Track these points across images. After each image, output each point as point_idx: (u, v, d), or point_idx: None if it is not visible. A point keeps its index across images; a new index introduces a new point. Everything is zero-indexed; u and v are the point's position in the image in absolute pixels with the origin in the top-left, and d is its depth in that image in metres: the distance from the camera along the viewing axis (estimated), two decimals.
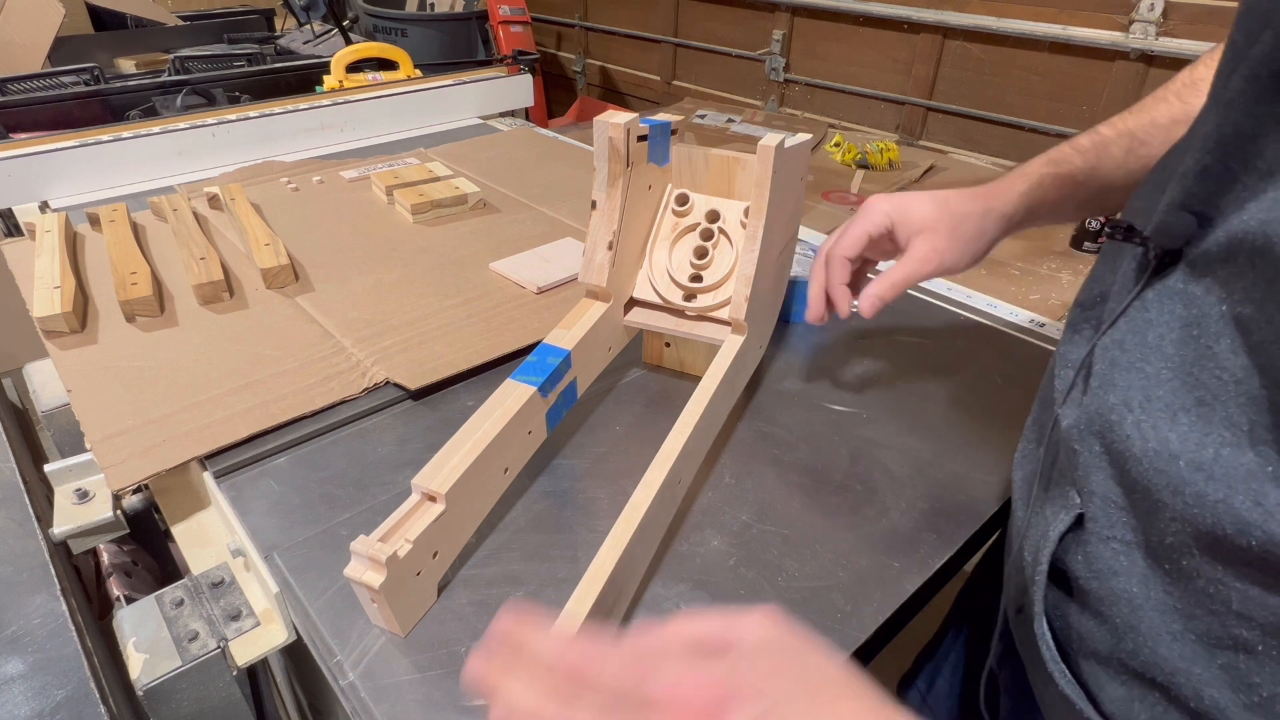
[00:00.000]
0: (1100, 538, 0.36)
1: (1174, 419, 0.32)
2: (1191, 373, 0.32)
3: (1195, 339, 0.32)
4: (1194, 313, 0.32)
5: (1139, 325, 0.35)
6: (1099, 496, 0.36)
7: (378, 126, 1.28)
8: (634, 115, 0.56)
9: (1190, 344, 0.32)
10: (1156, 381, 0.33)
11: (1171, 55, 1.91)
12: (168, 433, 0.58)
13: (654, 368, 0.70)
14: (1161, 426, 0.32)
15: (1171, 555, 0.33)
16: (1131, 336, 0.35)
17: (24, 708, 0.39)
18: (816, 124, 2.56)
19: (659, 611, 0.46)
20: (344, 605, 0.46)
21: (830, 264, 0.59)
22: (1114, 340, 0.36)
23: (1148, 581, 0.34)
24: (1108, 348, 0.36)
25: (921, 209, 0.56)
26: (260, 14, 2.37)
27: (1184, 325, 0.33)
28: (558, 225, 0.95)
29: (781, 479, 0.57)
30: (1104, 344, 0.37)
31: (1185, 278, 0.33)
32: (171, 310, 0.74)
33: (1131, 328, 0.35)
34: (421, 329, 0.72)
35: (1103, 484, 0.36)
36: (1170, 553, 0.33)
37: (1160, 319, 0.34)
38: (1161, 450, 0.32)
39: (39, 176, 1.00)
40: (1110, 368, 0.36)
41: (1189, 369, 0.32)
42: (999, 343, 0.75)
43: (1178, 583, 0.33)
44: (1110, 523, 0.36)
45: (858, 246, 0.57)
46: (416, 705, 0.41)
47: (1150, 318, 0.34)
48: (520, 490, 0.55)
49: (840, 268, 0.58)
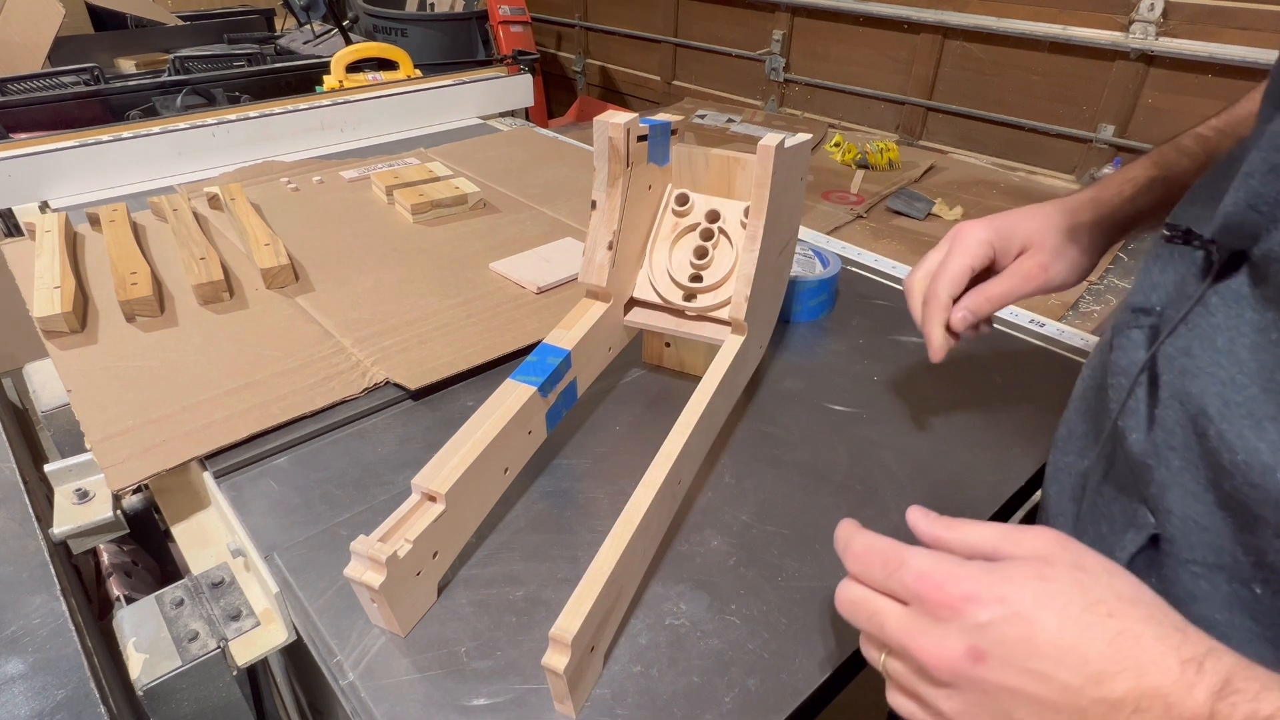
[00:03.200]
0: (1179, 560, 0.34)
1: (1259, 428, 0.30)
2: (1274, 378, 0.30)
3: (1274, 344, 0.30)
4: (1268, 317, 0.31)
5: (1205, 331, 0.33)
6: (1177, 515, 0.34)
7: (378, 126, 1.28)
8: (634, 115, 0.56)
9: (1269, 349, 0.31)
10: (1233, 388, 0.32)
11: (1171, 55, 1.91)
12: (168, 433, 0.58)
13: (654, 368, 0.70)
14: (1248, 436, 0.31)
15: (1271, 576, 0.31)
16: (1199, 343, 0.33)
17: (24, 708, 0.39)
18: (816, 124, 2.56)
19: (659, 611, 0.46)
20: (344, 605, 0.46)
21: (929, 306, 0.53)
22: (1179, 348, 0.34)
23: (1232, 607, 0.33)
24: (1173, 356, 0.35)
25: (1024, 226, 0.51)
26: (260, 14, 2.37)
27: (1257, 330, 0.31)
28: (558, 225, 0.95)
29: (781, 479, 0.57)
30: (1167, 352, 0.35)
31: (1251, 280, 0.32)
32: (171, 310, 0.74)
33: (1197, 334, 0.34)
34: (421, 329, 0.72)
35: (1182, 502, 0.34)
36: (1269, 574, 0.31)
37: (1228, 324, 0.32)
38: (1253, 462, 0.30)
39: (39, 176, 1.00)
40: (1180, 377, 0.34)
41: (1270, 375, 0.30)
42: (999, 343, 0.75)
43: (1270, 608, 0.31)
44: (1191, 544, 0.34)
45: (961, 283, 0.52)
46: (416, 705, 0.41)
47: (1217, 323, 0.33)
48: (520, 490, 0.55)
49: (944, 310, 0.52)
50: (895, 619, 0.31)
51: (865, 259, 0.91)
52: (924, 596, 0.30)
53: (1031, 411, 0.64)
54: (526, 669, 0.43)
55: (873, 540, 0.33)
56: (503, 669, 0.43)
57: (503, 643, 0.44)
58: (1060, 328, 0.77)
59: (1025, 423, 0.63)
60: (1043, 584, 0.28)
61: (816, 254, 0.80)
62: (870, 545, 0.33)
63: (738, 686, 0.42)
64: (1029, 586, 0.28)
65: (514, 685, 0.42)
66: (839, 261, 0.79)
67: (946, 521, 0.33)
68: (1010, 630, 0.28)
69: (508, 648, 0.44)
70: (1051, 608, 0.27)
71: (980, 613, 0.28)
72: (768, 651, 0.44)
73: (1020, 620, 0.28)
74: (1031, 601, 0.28)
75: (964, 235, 0.52)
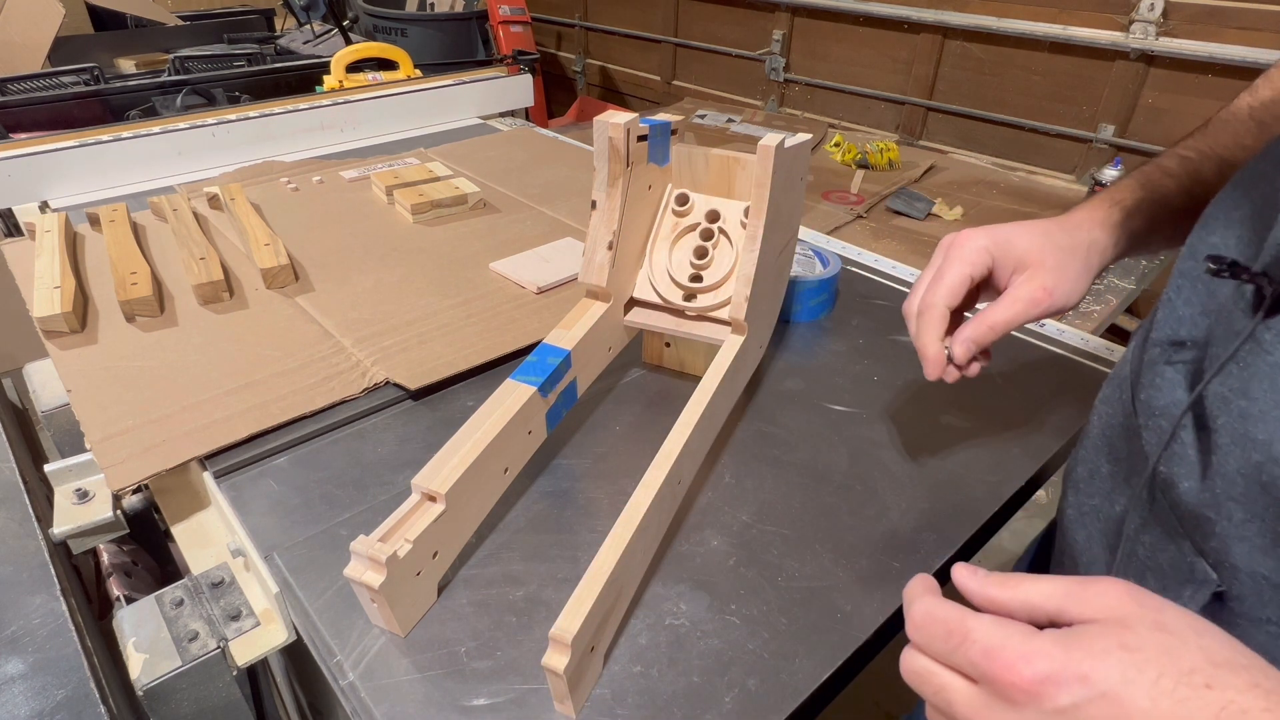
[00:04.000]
0: (1250, 619, 0.32)
1: None
2: None
3: None
4: None
5: (1262, 371, 0.31)
6: (1245, 572, 0.32)
7: (378, 126, 1.28)
8: (634, 115, 0.56)
9: None
10: None
11: (1171, 55, 1.91)
12: (168, 433, 0.58)
13: (654, 368, 0.70)
14: None
15: None
16: (1258, 383, 0.31)
17: (24, 708, 0.39)
18: (816, 124, 2.56)
19: (659, 612, 0.46)
20: (344, 605, 0.46)
21: (925, 316, 0.49)
22: (1233, 389, 0.32)
23: None
24: (1227, 398, 0.32)
25: (1025, 241, 0.48)
26: (260, 14, 2.37)
27: None
28: (558, 225, 0.95)
29: (781, 479, 0.57)
30: (1219, 392, 0.33)
31: None
32: (171, 310, 0.74)
33: (1252, 373, 0.31)
34: (421, 329, 0.72)
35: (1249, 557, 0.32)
36: None
37: None
38: None
39: (39, 176, 1.00)
40: (1241, 421, 0.31)
41: None
42: (999, 343, 0.74)
43: None
44: (1263, 602, 0.32)
45: (960, 293, 0.48)
46: (416, 705, 0.41)
47: (1275, 361, 0.30)
48: (520, 490, 0.55)
49: (940, 321, 0.48)
50: (965, 701, 0.28)
51: (865, 259, 0.91)
52: (994, 677, 0.27)
53: (1031, 411, 0.64)
54: (526, 669, 0.43)
55: (934, 607, 0.30)
56: (503, 669, 0.43)
57: (503, 643, 0.44)
58: (1060, 328, 0.77)
59: (1025, 423, 0.63)
60: (1127, 655, 0.25)
61: (816, 254, 0.80)
62: (931, 613, 0.29)
63: (738, 686, 0.42)
64: (1112, 660, 0.25)
65: (514, 685, 0.42)
66: (839, 261, 0.79)
67: (999, 579, 0.30)
68: (1097, 713, 0.25)
69: (508, 648, 0.44)
70: (1141, 684, 0.24)
71: (1061, 696, 0.25)
72: (768, 651, 0.44)
73: (1107, 702, 0.25)
74: (1119, 679, 0.25)
75: (961, 243, 0.49)
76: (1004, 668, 0.26)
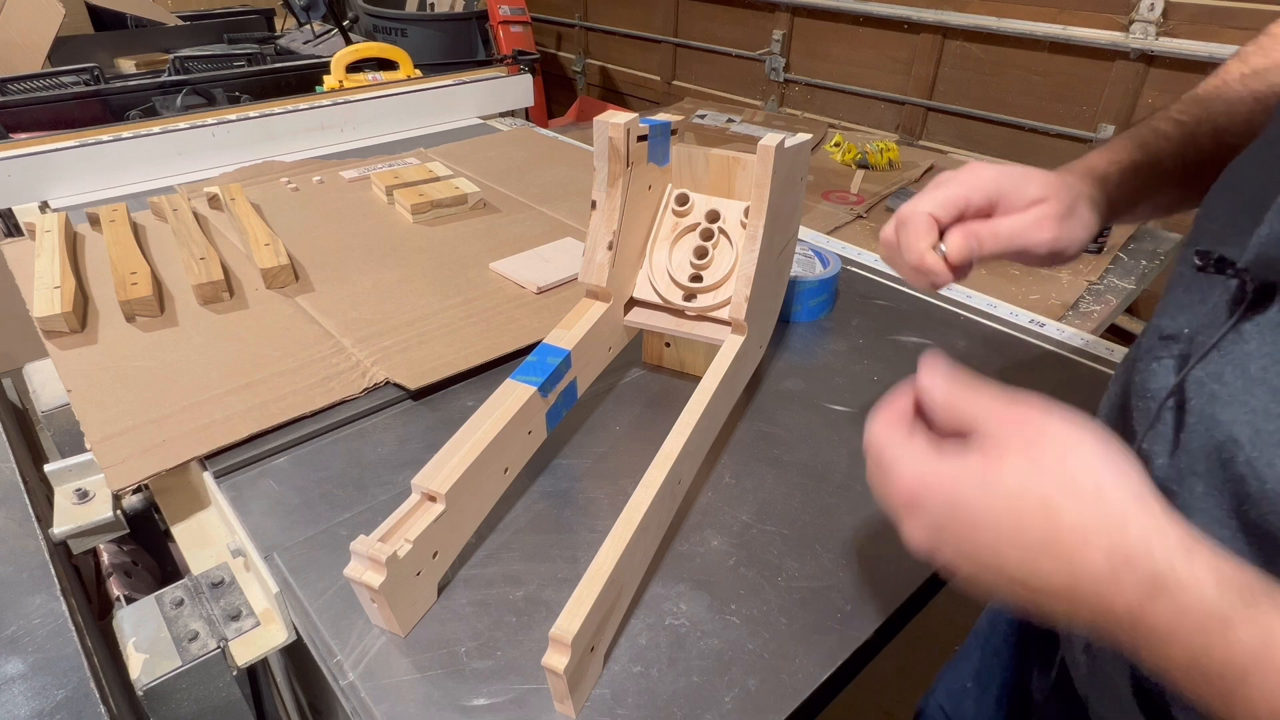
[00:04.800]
0: None
1: None
2: None
3: None
4: None
5: (1238, 358, 0.33)
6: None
7: (378, 126, 1.28)
8: (634, 115, 0.56)
9: None
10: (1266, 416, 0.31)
11: (1171, 55, 1.91)
12: (168, 433, 0.58)
13: (654, 368, 0.70)
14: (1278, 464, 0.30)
15: None
16: (1231, 369, 0.33)
17: (24, 708, 0.39)
18: (816, 124, 2.56)
19: (659, 612, 0.46)
20: (344, 605, 0.46)
21: (909, 224, 0.45)
22: (1209, 373, 0.34)
23: None
24: (1203, 381, 0.34)
25: (1039, 178, 0.47)
26: (260, 14, 2.37)
27: None
28: (558, 225, 0.95)
29: (781, 479, 0.57)
30: (1197, 376, 0.34)
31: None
32: (171, 310, 0.74)
33: (1229, 360, 0.33)
34: (421, 329, 0.72)
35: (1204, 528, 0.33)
36: None
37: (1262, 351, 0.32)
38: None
39: (39, 176, 1.00)
40: (1210, 402, 0.33)
41: None
42: (999, 343, 0.75)
43: None
44: None
45: (950, 209, 0.45)
46: (416, 705, 0.41)
47: (1250, 350, 0.32)
48: (520, 490, 0.55)
49: (926, 228, 0.45)
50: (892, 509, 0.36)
51: (865, 259, 0.90)
52: (887, 497, 0.35)
53: None
54: (526, 669, 0.43)
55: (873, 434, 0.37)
56: (503, 669, 0.43)
57: (503, 643, 0.44)
58: (1060, 327, 0.77)
59: None
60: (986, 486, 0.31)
61: (816, 254, 0.80)
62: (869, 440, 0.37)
63: (738, 686, 0.42)
64: (970, 490, 0.31)
65: (514, 685, 0.42)
66: (839, 261, 0.79)
67: (944, 390, 0.35)
68: (948, 520, 0.32)
69: (508, 648, 0.44)
70: (987, 517, 0.31)
71: (920, 517, 0.34)
72: (768, 651, 0.44)
73: (948, 532, 0.32)
74: (964, 514, 0.31)
75: (972, 169, 0.46)
76: (892, 489, 0.34)
